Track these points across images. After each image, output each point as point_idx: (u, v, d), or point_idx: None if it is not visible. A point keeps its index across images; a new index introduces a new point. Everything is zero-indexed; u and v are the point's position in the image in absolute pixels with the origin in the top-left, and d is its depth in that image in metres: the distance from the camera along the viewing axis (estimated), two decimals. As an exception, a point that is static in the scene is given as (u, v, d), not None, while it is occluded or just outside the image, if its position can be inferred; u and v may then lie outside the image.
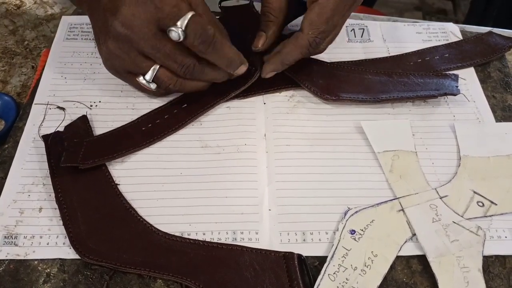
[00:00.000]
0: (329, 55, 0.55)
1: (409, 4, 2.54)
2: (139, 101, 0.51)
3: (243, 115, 0.50)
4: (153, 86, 0.46)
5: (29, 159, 0.46)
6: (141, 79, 0.45)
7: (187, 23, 0.41)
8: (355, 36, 0.58)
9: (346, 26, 0.59)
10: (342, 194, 0.44)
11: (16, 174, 0.44)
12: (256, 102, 0.51)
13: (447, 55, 0.56)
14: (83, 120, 0.48)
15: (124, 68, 0.45)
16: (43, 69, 0.53)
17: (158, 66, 0.44)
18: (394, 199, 0.43)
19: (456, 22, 2.16)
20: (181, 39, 0.41)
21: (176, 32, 0.41)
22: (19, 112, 0.51)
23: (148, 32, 0.41)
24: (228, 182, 0.45)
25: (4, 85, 0.56)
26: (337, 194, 0.44)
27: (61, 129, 0.47)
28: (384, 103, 0.50)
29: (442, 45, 0.57)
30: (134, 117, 0.49)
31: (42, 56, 0.56)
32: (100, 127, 0.48)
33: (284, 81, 0.51)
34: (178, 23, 0.41)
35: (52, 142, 0.46)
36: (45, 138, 0.46)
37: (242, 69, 0.46)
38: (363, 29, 0.59)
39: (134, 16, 0.41)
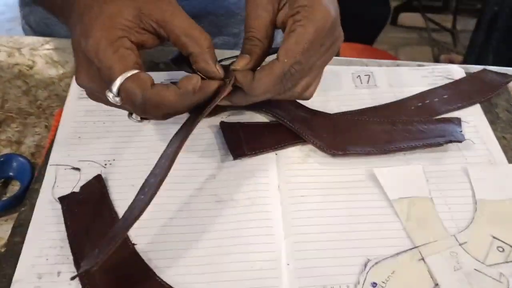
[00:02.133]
0: (337, 102, 0.56)
1: (410, 39, 2.59)
2: (153, 157, 0.51)
3: (255, 167, 0.50)
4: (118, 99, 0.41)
5: (46, 221, 0.46)
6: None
7: (119, 89, 0.39)
8: (361, 83, 0.59)
9: (352, 73, 0.60)
10: (360, 245, 0.44)
11: (33, 238, 0.44)
12: (267, 154, 0.51)
13: (446, 96, 0.56)
14: (98, 180, 0.49)
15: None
16: (57, 129, 0.54)
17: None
18: (413, 248, 0.43)
19: (456, 53, 2.19)
20: (119, 104, 0.40)
21: (111, 98, 0.40)
22: (34, 173, 0.52)
23: (96, 88, 0.42)
24: (244, 237, 0.45)
25: (19, 145, 0.56)
26: (355, 245, 0.44)
27: (77, 189, 0.48)
28: (392, 153, 0.51)
29: (440, 87, 0.58)
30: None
31: (56, 115, 0.57)
32: (116, 185, 0.49)
33: (291, 137, 0.52)
34: (113, 88, 0.39)
35: (69, 203, 0.46)
36: (62, 200, 0.47)
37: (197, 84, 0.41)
38: (369, 75, 0.59)
39: (87, 74, 0.42)
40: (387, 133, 0.52)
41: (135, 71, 0.39)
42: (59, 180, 0.49)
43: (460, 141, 0.50)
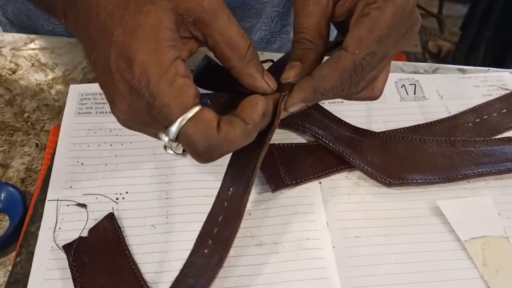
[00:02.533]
0: (383, 118, 0.49)
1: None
2: (173, 188, 0.43)
3: (297, 200, 0.42)
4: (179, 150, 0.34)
5: (49, 276, 0.37)
6: (163, 137, 0.33)
7: (178, 133, 0.31)
8: (407, 94, 0.51)
9: (395, 82, 0.52)
10: (433, 300, 0.37)
11: (34, 299, 0.36)
12: (310, 183, 0.43)
13: (504, 110, 0.50)
14: (110, 220, 0.40)
15: (141, 125, 0.35)
16: (54, 151, 0.45)
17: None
18: (498, 303, 0.36)
19: (443, 39, 2.15)
20: (175, 150, 0.33)
21: (167, 146, 0.32)
22: (25, 205, 0.43)
23: (144, 124, 0.33)
24: (294, 291, 0.37)
25: (5, 169, 0.47)
26: (428, 300, 0.37)
27: (85, 233, 0.39)
28: (455, 181, 0.44)
29: (496, 99, 0.51)
30: (169, 209, 0.41)
31: (51, 135, 0.47)
32: (131, 226, 0.40)
33: (335, 162, 0.44)
34: (170, 132, 0.31)
35: (76, 252, 0.38)
36: (67, 248, 0.38)
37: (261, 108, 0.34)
38: (414, 84, 0.52)
39: (130, 107, 0.32)
40: (447, 156, 0.45)
41: (197, 109, 0.31)
42: (62, 220, 0.40)
43: (535, 168, 0.44)
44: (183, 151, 0.34)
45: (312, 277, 0.38)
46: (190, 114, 0.30)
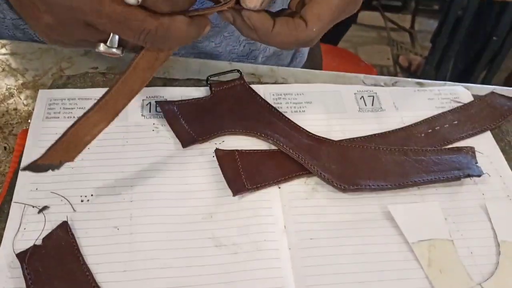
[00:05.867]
0: (342, 127, 0.51)
1: (369, 38, 2.60)
2: (137, 191, 0.44)
3: (257, 204, 0.44)
4: (119, 51, 0.37)
5: (9, 285, 0.38)
6: (101, 47, 0.36)
7: None
8: (365, 105, 0.54)
9: (355, 93, 0.55)
10: (381, 298, 0.39)
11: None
12: (270, 188, 0.46)
13: (455, 122, 0.53)
14: (64, 229, 0.41)
15: (75, 39, 0.37)
16: (21, 155, 0.46)
17: None
18: (440, 301, 0.39)
19: (415, 53, 2.21)
20: (140, 1, 0.33)
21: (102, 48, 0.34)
22: (-8, 207, 0.44)
23: None
24: (250, 290, 0.39)
25: (-28, 172, 0.48)
26: (376, 299, 0.39)
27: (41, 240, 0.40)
28: (406, 188, 0.46)
29: (448, 111, 0.54)
30: (133, 211, 0.43)
31: (19, 139, 0.48)
32: (95, 228, 0.41)
33: (295, 168, 0.47)
34: None
35: (30, 261, 0.38)
36: (21, 257, 0.38)
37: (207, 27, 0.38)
38: (373, 96, 0.55)
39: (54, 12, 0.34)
40: (399, 164, 0.47)
41: None
42: (27, 222, 0.41)
43: (478, 176, 0.46)
44: (119, 47, 0.36)
45: (268, 276, 0.40)
46: None
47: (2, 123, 0.52)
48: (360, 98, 0.54)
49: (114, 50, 0.36)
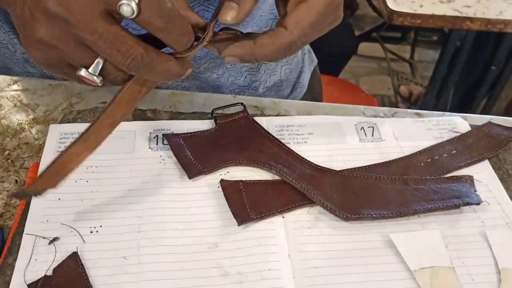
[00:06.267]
0: (343, 157, 0.53)
1: (370, 68, 2.64)
2: (145, 222, 0.45)
3: (262, 233, 0.45)
4: (98, 80, 0.37)
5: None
6: (82, 72, 0.37)
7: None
8: (365, 135, 0.55)
9: (355, 124, 0.57)
10: (385, 326, 0.40)
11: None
12: (274, 217, 0.47)
13: (454, 151, 0.54)
14: (74, 260, 0.42)
15: (61, 60, 0.37)
16: (32, 188, 0.48)
17: None
18: (443, 329, 0.40)
19: (415, 83, 2.24)
20: (135, 14, 0.34)
21: (129, 6, 0.34)
22: (3, 239, 0.45)
23: (91, 14, 0.34)
24: (256, 318, 0.40)
25: (-16, 205, 0.49)
26: (380, 327, 0.40)
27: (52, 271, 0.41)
28: (407, 216, 0.47)
29: (446, 141, 0.55)
30: (141, 242, 0.44)
31: (30, 172, 0.50)
32: (103, 258, 0.43)
33: (298, 197, 0.48)
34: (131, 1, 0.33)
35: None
36: (33, 287, 0.40)
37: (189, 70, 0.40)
38: (372, 126, 0.56)
39: (47, 32, 0.35)
40: (399, 193, 0.48)
41: None
42: (38, 252, 0.42)
43: (477, 204, 0.48)
44: (99, 76, 0.37)
45: (273, 305, 0.41)
46: None
47: (14, 157, 0.54)
48: (361, 129, 0.56)
49: (94, 77, 0.37)
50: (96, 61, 0.37)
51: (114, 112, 0.40)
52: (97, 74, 0.37)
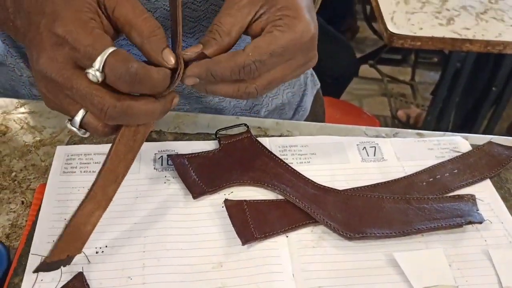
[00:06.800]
0: (346, 177, 0.53)
1: (371, 90, 2.66)
2: (149, 242, 0.46)
3: (266, 252, 0.46)
4: (81, 132, 0.41)
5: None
6: (68, 125, 0.41)
7: (104, 63, 0.37)
8: (367, 155, 0.56)
9: (357, 144, 0.57)
10: None
11: None
12: (278, 237, 0.47)
13: (455, 171, 0.55)
14: (80, 280, 0.42)
15: (58, 110, 0.42)
16: (38, 208, 0.48)
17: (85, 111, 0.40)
18: None
19: (416, 105, 2.26)
20: (100, 80, 0.37)
21: (93, 74, 0.37)
22: (9, 259, 0.45)
23: (66, 73, 0.38)
24: (261, 338, 0.40)
25: (-9, 225, 0.50)
26: None
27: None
28: (410, 235, 0.48)
29: (448, 160, 0.56)
30: (146, 261, 0.44)
31: (36, 193, 0.51)
32: (106, 278, 0.43)
33: (302, 217, 0.48)
34: (95, 64, 0.37)
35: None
36: None
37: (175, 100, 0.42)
38: (374, 146, 0.57)
39: (52, 59, 0.38)
40: (402, 212, 0.49)
41: (115, 48, 0.37)
42: (44, 273, 0.43)
43: (480, 222, 0.48)
44: (82, 128, 0.40)
45: (277, 324, 0.41)
46: (111, 49, 0.37)
47: (20, 178, 0.54)
48: (363, 149, 0.57)
49: (74, 129, 0.40)
50: (79, 112, 0.40)
51: (114, 166, 0.41)
52: (76, 126, 0.40)
